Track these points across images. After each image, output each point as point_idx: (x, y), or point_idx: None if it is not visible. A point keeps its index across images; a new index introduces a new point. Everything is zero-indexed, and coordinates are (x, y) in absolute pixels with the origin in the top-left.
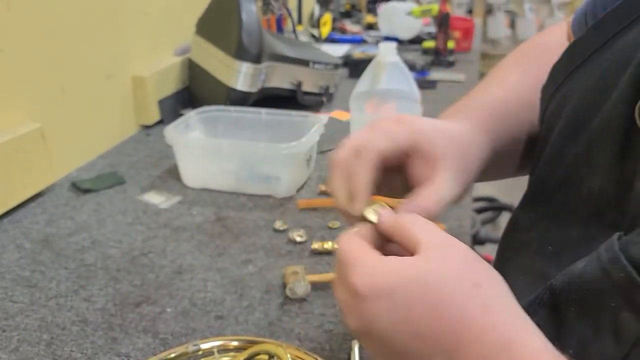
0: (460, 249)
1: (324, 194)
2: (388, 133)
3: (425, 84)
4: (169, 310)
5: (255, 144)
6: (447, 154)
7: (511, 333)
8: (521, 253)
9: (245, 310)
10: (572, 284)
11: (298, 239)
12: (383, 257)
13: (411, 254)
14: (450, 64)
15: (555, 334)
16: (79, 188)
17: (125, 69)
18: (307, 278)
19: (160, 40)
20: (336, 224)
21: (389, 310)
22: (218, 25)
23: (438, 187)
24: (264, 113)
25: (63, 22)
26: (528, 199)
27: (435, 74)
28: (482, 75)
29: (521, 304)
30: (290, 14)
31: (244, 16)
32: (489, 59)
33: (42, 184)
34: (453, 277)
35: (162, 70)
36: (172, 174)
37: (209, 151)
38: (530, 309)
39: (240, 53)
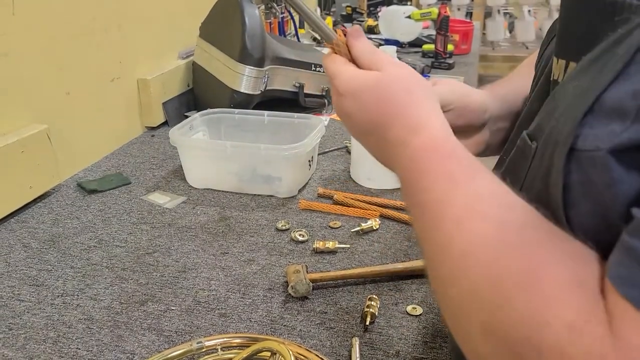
0: (406, 70)
1: (323, 196)
2: None
3: None
4: (173, 308)
5: (258, 145)
6: (450, 81)
7: (423, 120)
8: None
9: (248, 308)
10: (505, 170)
11: (300, 238)
12: (356, 69)
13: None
14: (449, 66)
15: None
16: (84, 189)
17: (130, 71)
18: (308, 277)
19: (164, 44)
20: (337, 223)
21: (353, 103)
22: (221, 29)
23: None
24: (266, 115)
25: (68, 27)
26: (513, 133)
27: (435, 76)
28: (480, 76)
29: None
30: (292, 18)
31: (247, 20)
32: (489, 60)
33: (48, 185)
34: (394, 86)
35: (166, 73)
36: (177, 175)
37: (213, 152)
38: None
39: (244, 56)
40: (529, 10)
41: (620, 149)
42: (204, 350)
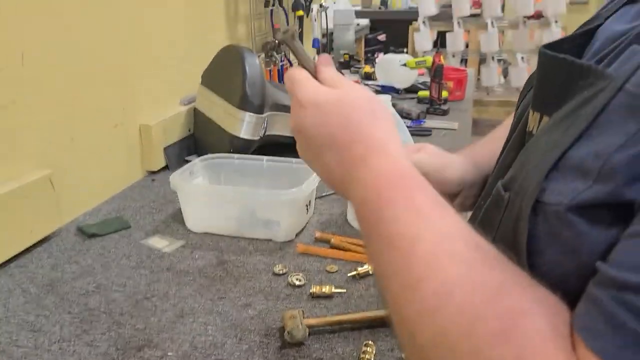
0: (370, 94)
1: (320, 240)
2: None
3: (420, 132)
4: (170, 354)
5: (257, 190)
6: (434, 150)
7: (385, 143)
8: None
9: (244, 354)
10: (481, 218)
11: (297, 282)
12: (319, 84)
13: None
14: (444, 113)
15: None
16: (85, 232)
17: (132, 118)
18: (305, 322)
19: (166, 91)
20: (334, 267)
21: (314, 115)
22: (222, 76)
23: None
24: (265, 160)
25: (74, 76)
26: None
27: (430, 122)
28: (475, 120)
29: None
30: (291, 65)
31: (247, 69)
32: (483, 105)
33: (49, 229)
34: (359, 104)
35: (168, 119)
36: (176, 219)
37: (212, 197)
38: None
39: (244, 104)
40: (522, 57)
41: (583, 205)
42: None
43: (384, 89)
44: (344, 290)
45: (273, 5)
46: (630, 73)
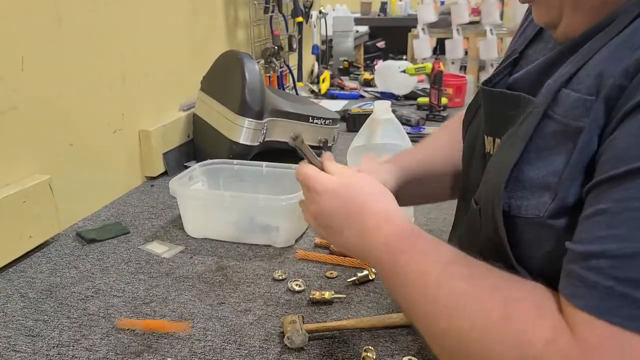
0: (368, 178)
1: (319, 246)
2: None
3: (420, 138)
4: (169, 359)
5: (256, 195)
6: (373, 169)
7: (389, 212)
8: (458, 226)
9: (244, 359)
10: (466, 230)
11: (296, 288)
12: (329, 175)
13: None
14: (443, 119)
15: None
16: (83, 238)
17: (132, 123)
18: (304, 327)
19: (166, 97)
20: (334, 273)
21: (330, 200)
22: (222, 82)
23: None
24: (264, 166)
25: (74, 82)
26: (458, 199)
27: (429, 128)
28: None
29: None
30: (290, 71)
31: (247, 75)
32: None
33: (47, 234)
34: (363, 188)
35: (167, 125)
36: (175, 224)
37: (211, 202)
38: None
39: (243, 109)
40: None
41: (554, 213)
42: None
43: (383, 96)
44: (344, 296)
45: (272, 11)
46: (550, 101)
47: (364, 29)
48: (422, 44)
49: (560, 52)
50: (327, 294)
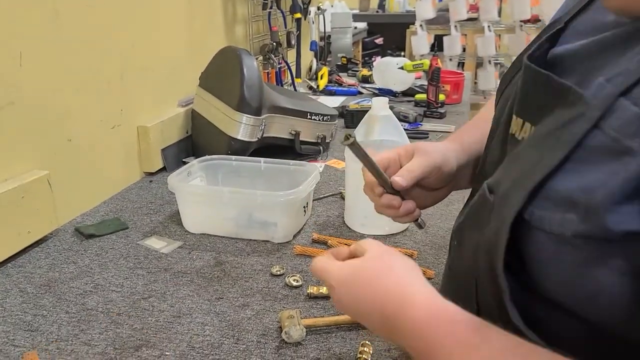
0: (381, 249)
1: (317, 242)
2: (403, 146)
3: (418, 134)
4: (167, 353)
5: (254, 191)
6: (428, 149)
7: (411, 290)
8: (466, 206)
9: (242, 354)
10: (467, 212)
11: (294, 283)
12: (338, 263)
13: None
14: (441, 115)
15: (459, 239)
16: (82, 233)
17: (130, 119)
18: (302, 322)
19: (164, 92)
20: None
21: (346, 293)
22: (220, 78)
23: (410, 165)
24: (263, 162)
25: (74, 78)
26: (475, 177)
27: (427, 125)
28: None
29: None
30: (289, 68)
31: (245, 71)
32: (480, 108)
33: (46, 230)
34: (376, 265)
35: (166, 121)
36: (174, 220)
37: (210, 198)
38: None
39: (242, 106)
40: None
41: (583, 236)
42: None
43: (381, 92)
44: None
45: (271, 7)
46: (605, 109)
47: (362, 25)
48: (420, 40)
49: (619, 36)
50: (325, 289)
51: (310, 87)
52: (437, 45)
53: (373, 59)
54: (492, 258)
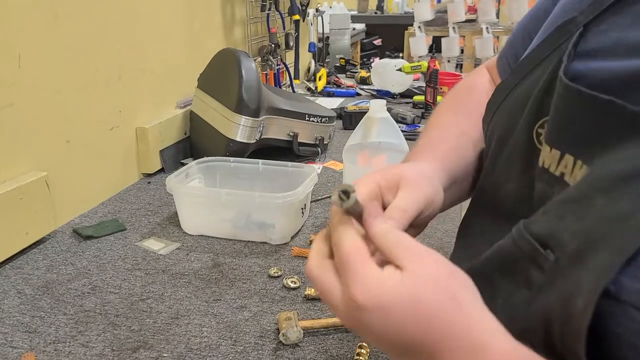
0: (438, 267)
1: None
2: (381, 173)
3: (415, 136)
4: (165, 355)
5: (252, 193)
6: (414, 178)
7: (482, 337)
8: (472, 241)
9: (239, 355)
10: (494, 256)
11: (292, 285)
12: (380, 272)
13: (396, 266)
14: None
15: (488, 290)
16: (80, 235)
17: (129, 120)
18: (300, 324)
19: (163, 94)
20: None
21: (383, 318)
22: (219, 80)
23: (401, 203)
24: (261, 163)
25: (72, 79)
26: (474, 199)
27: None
28: None
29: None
30: (287, 69)
31: (243, 72)
32: None
33: (44, 231)
34: (434, 293)
35: (164, 122)
36: (172, 221)
37: (208, 200)
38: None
39: (240, 107)
40: None
41: None
42: None
43: (380, 93)
44: None
45: (269, 9)
46: None
47: (360, 26)
48: (418, 42)
49: None
50: None
51: (309, 89)
52: (435, 47)
53: (371, 60)
54: (559, 331)
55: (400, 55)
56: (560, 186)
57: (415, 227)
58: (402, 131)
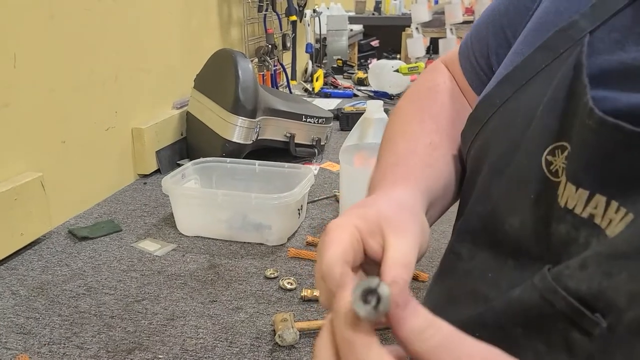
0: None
1: (312, 245)
2: (358, 214)
3: None
4: (160, 356)
5: (248, 194)
6: (399, 219)
7: None
8: (466, 280)
9: (235, 357)
10: (512, 308)
11: (288, 286)
12: None
13: None
14: None
15: (506, 349)
16: (75, 235)
17: (125, 121)
18: (296, 325)
19: (159, 95)
20: None
21: None
22: (215, 81)
23: (400, 252)
24: (257, 164)
25: (68, 80)
26: (462, 231)
27: None
28: None
29: (462, 320)
30: (284, 70)
31: (240, 73)
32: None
33: (39, 232)
34: None
35: (160, 123)
36: (168, 222)
37: (204, 201)
38: (470, 325)
39: (237, 108)
40: None
41: None
42: None
43: (377, 95)
44: None
45: (266, 10)
46: None
47: (358, 27)
48: (415, 43)
49: None
50: (318, 292)
51: (306, 90)
52: (433, 48)
53: (369, 61)
54: None
55: (398, 56)
56: (589, 229)
57: None
58: None
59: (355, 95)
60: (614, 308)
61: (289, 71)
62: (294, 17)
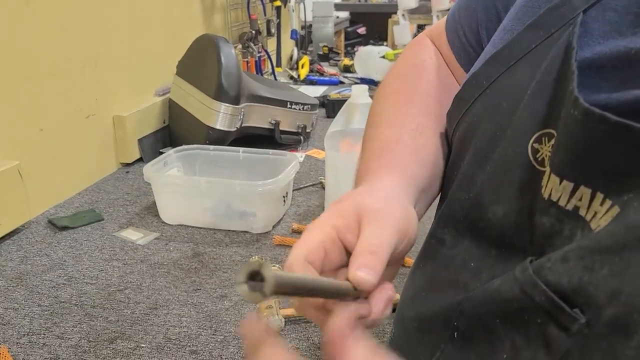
0: None
1: (297, 232)
2: (337, 210)
3: None
4: (143, 345)
5: (232, 181)
6: (379, 207)
7: None
8: (448, 267)
9: (219, 344)
10: (492, 299)
11: None
12: None
13: None
14: None
15: (484, 339)
16: (55, 225)
17: (106, 108)
18: (281, 312)
19: (141, 82)
20: None
21: None
22: (198, 67)
23: (368, 243)
24: (241, 151)
25: (44, 66)
26: (445, 217)
27: None
28: None
29: (441, 307)
30: (269, 57)
31: (223, 59)
32: None
33: (18, 222)
34: None
35: (142, 110)
36: (150, 211)
37: (187, 188)
38: (449, 313)
39: (220, 94)
40: None
41: None
42: None
43: (363, 81)
44: None
45: None
46: None
47: (344, 14)
48: (402, 30)
49: None
50: None
51: (291, 77)
52: None
53: (355, 49)
54: None
55: (385, 44)
56: (574, 221)
57: (391, 265)
58: None
59: (342, 83)
60: (594, 304)
61: (273, 58)
62: (278, 3)
